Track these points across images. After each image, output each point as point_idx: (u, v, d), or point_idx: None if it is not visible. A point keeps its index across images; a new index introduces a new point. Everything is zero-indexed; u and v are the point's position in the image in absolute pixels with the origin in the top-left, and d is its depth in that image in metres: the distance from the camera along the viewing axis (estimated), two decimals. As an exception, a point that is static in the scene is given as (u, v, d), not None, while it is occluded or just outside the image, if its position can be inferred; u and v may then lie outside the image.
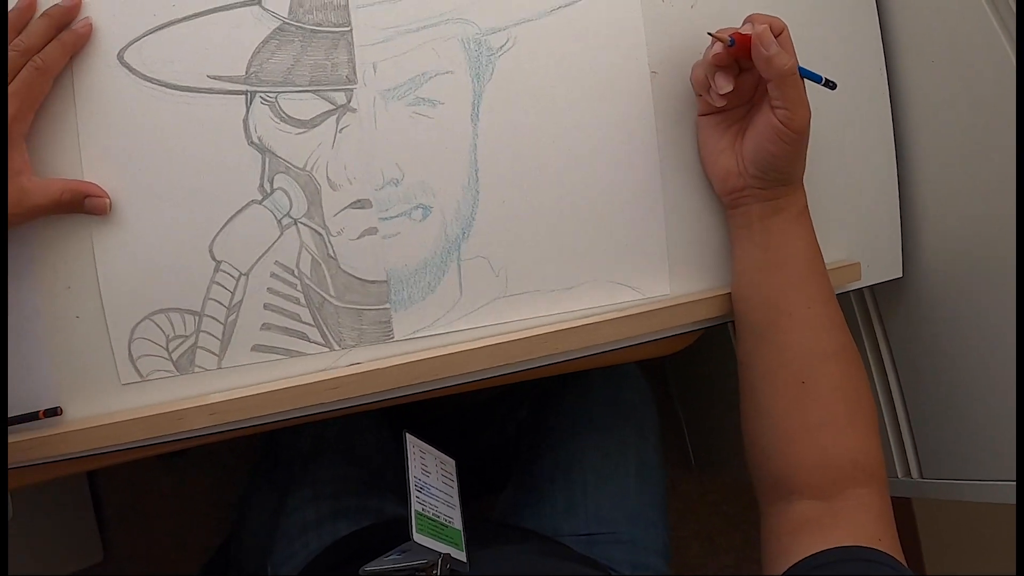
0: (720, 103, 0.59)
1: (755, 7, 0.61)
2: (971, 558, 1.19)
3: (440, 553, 0.57)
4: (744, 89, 0.60)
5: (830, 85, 0.60)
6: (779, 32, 0.57)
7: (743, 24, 0.58)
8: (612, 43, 0.63)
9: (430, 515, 0.59)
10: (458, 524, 0.61)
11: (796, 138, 0.57)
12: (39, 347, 0.58)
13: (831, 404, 0.58)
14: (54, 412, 0.58)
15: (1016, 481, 0.65)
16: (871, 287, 0.76)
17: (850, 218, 0.70)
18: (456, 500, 0.63)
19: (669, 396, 1.49)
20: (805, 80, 0.58)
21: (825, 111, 0.66)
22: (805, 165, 0.61)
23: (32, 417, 0.57)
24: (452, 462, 0.65)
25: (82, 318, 0.58)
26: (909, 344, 0.79)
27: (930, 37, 0.67)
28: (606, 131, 0.63)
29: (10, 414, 0.57)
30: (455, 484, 0.64)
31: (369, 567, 0.59)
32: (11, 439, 0.57)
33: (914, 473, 0.82)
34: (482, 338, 0.62)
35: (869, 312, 0.83)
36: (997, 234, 0.64)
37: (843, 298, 0.83)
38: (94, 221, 0.58)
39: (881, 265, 0.72)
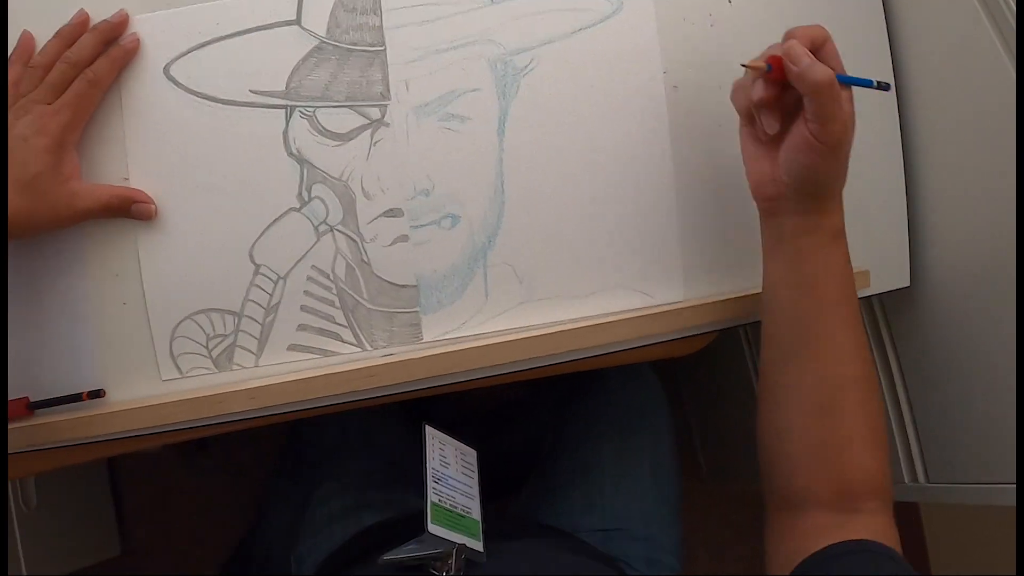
0: (770, 134, 0.58)
1: (771, 25, 0.63)
2: (977, 562, 1.19)
3: (455, 543, 0.58)
4: (788, 103, 0.58)
5: (883, 87, 0.60)
6: (822, 43, 0.56)
7: (784, 38, 0.57)
8: (629, 62, 0.66)
9: (447, 506, 0.60)
10: (476, 515, 0.62)
11: (827, 151, 0.56)
12: (86, 332, 0.61)
13: (851, 428, 0.57)
14: (98, 394, 0.61)
15: (1016, 483, 0.66)
16: (879, 296, 0.77)
17: (858, 228, 0.70)
18: (476, 491, 0.64)
19: (681, 405, 1.49)
20: (855, 88, 0.58)
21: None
22: (844, 181, 0.60)
23: (76, 398, 0.60)
24: (473, 452, 0.66)
25: (128, 305, 0.62)
26: (916, 351, 0.80)
27: (937, 51, 0.69)
28: (623, 146, 0.66)
29: (55, 395, 0.60)
30: (475, 475, 0.65)
31: (387, 556, 0.60)
32: (56, 418, 0.60)
33: (921, 478, 0.83)
34: (509, 331, 0.65)
35: (877, 320, 0.84)
36: (1003, 244, 0.65)
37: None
38: (140, 226, 0.61)
39: (889, 274, 0.74)
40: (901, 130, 0.73)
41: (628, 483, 0.84)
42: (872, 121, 0.72)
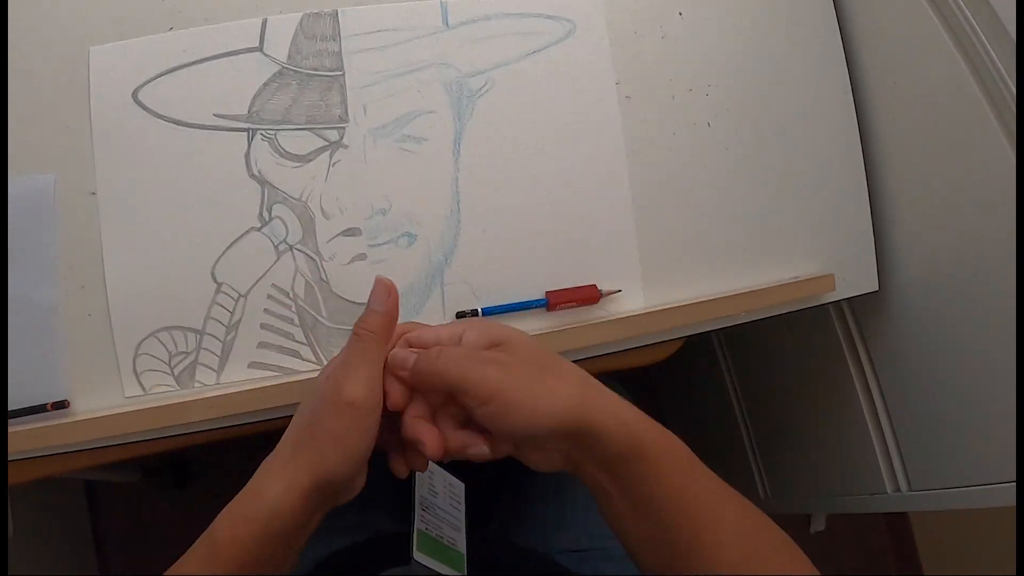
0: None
1: (720, 35, 0.64)
2: (968, 565, 1.19)
3: (440, 574, 0.56)
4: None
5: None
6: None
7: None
8: (583, 78, 0.68)
9: (433, 535, 0.58)
10: (462, 547, 0.60)
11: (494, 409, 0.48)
12: (51, 342, 0.62)
13: None
14: (62, 405, 0.61)
15: (1016, 482, 0.66)
16: (850, 303, 0.77)
17: (822, 234, 0.73)
18: (462, 523, 0.62)
19: (663, 423, 1.48)
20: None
21: (794, 125, 0.70)
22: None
23: (41, 409, 0.61)
24: (461, 485, 0.65)
25: (93, 316, 0.62)
26: (890, 356, 0.80)
27: (892, 52, 0.71)
28: (578, 164, 0.68)
29: (20, 406, 0.61)
30: (462, 507, 0.64)
31: None
32: (20, 429, 0.60)
33: (903, 487, 0.83)
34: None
35: (849, 327, 0.85)
36: (971, 244, 0.66)
37: (822, 312, 0.83)
38: (105, 239, 0.62)
39: (856, 279, 0.75)
40: (860, 135, 0.74)
41: None
42: (830, 125, 0.74)
